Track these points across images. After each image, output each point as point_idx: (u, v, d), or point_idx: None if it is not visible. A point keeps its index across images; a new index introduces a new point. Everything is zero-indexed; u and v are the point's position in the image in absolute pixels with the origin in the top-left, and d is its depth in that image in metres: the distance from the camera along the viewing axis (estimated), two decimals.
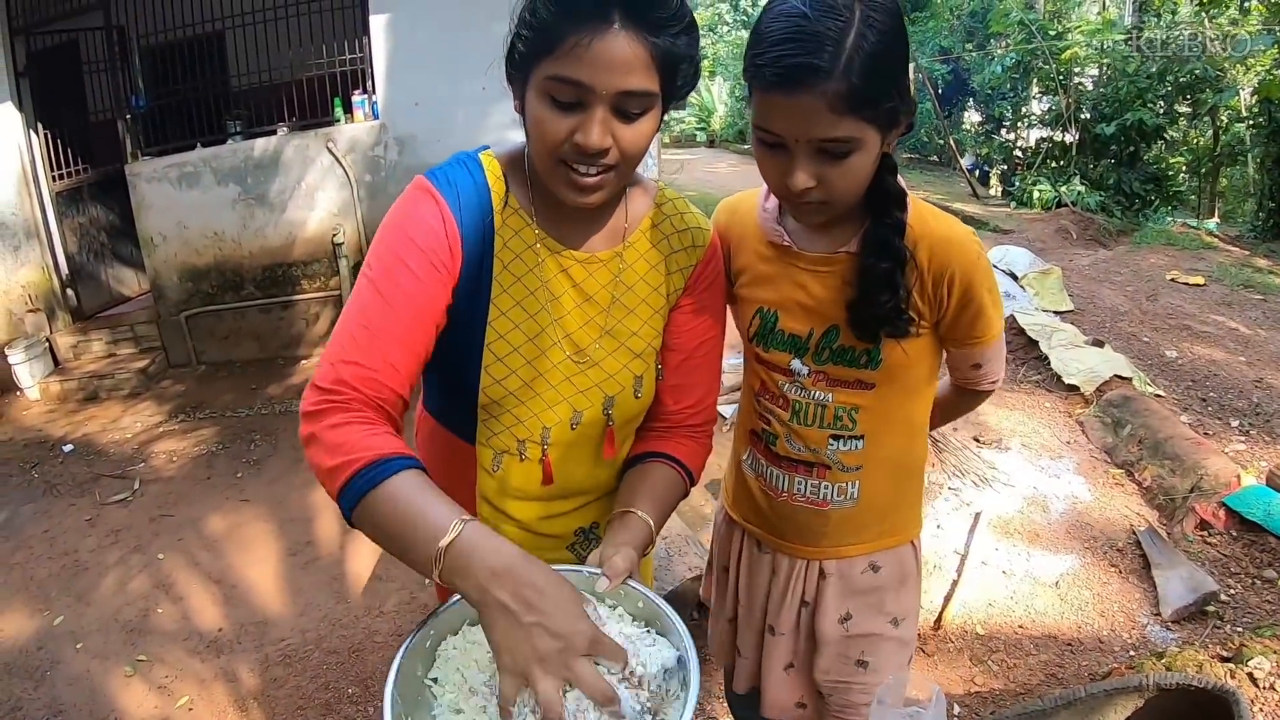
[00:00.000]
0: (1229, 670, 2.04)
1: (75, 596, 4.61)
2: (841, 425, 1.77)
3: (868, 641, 1.93)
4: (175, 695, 3.95)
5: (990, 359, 1.79)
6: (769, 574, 2.00)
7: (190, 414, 6.76)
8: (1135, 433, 4.96)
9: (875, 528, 1.89)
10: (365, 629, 4.32)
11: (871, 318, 1.63)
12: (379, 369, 1.38)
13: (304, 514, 5.26)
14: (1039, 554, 4.25)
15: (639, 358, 1.64)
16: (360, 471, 1.27)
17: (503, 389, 1.55)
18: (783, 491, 1.88)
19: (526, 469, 1.66)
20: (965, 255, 1.62)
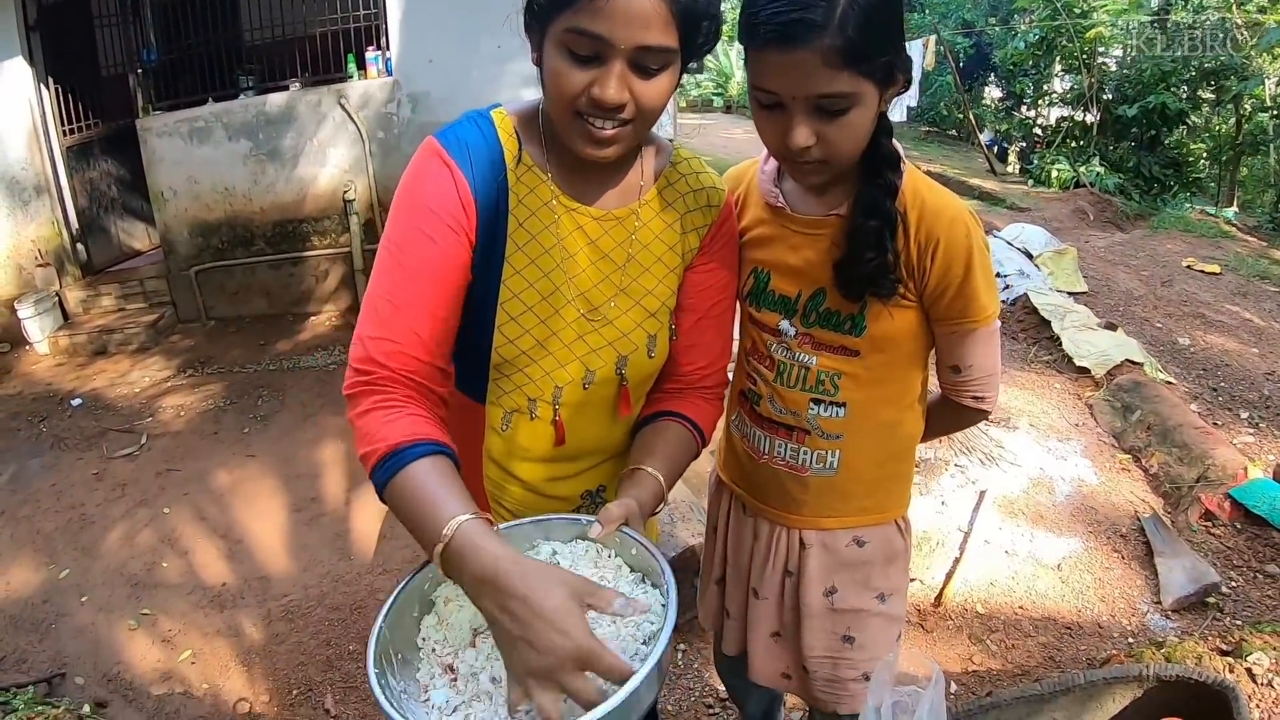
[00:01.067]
0: (1228, 664, 2.03)
1: (81, 550, 4.63)
2: (823, 390, 1.76)
3: (854, 617, 1.91)
4: (179, 649, 3.99)
5: (973, 362, 1.74)
6: (751, 537, 2.00)
7: (199, 369, 6.75)
8: (1144, 419, 4.93)
9: (856, 502, 1.87)
10: (368, 586, 4.34)
11: (857, 276, 1.61)
12: (405, 341, 1.39)
13: (310, 470, 5.27)
14: (1042, 535, 4.24)
15: (653, 317, 1.63)
16: (379, 463, 1.30)
17: (515, 348, 1.54)
18: (764, 453, 1.88)
19: (536, 429, 1.64)
20: (954, 228, 1.59)
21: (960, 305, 1.64)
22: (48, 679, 3.74)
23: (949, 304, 1.65)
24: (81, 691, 3.75)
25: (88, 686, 3.79)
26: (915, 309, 1.69)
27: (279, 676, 3.85)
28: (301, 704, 3.72)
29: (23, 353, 7.10)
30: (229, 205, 7.56)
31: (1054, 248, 7.76)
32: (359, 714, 3.66)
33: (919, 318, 1.70)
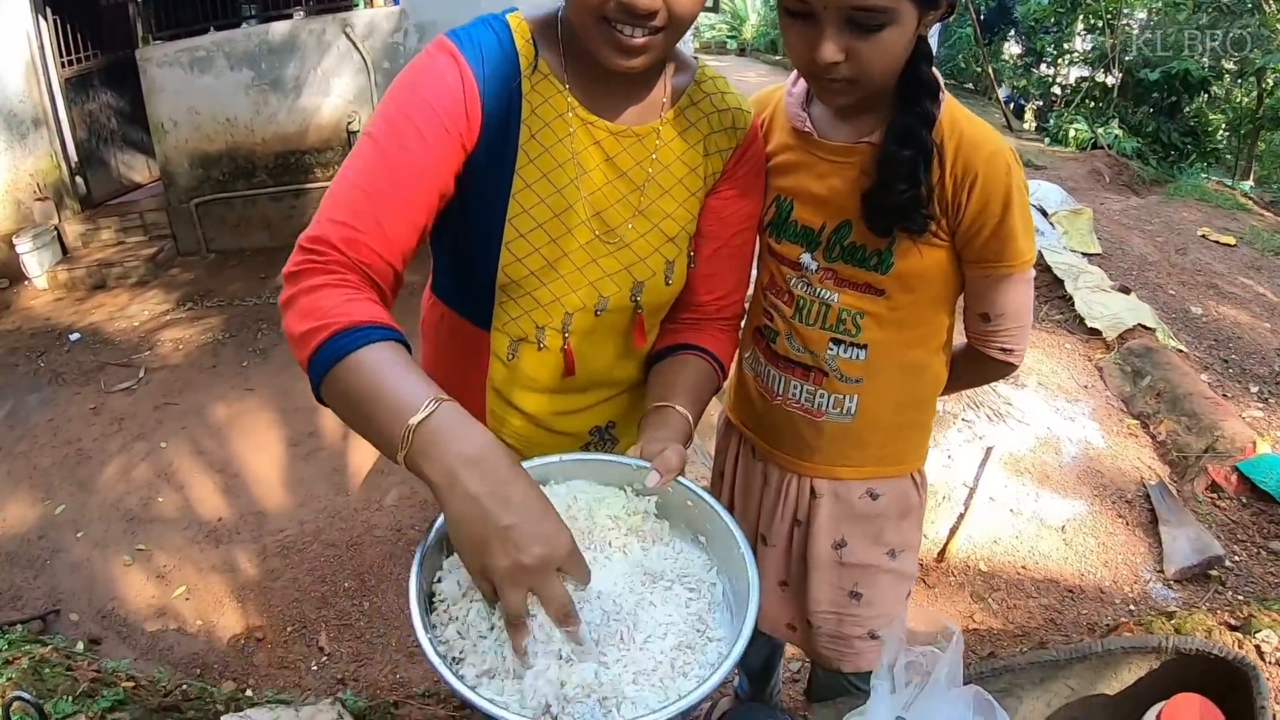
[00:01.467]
0: (1236, 639, 1.99)
1: (77, 485, 4.60)
2: (844, 329, 1.65)
3: (862, 572, 1.83)
4: (173, 584, 3.98)
5: (1005, 310, 1.63)
6: (761, 482, 1.91)
7: (198, 302, 6.69)
8: (1154, 385, 4.84)
9: (873, 451, 1.78)
10: (364, 523, 4.32)
11: (887, 208, 1.50)
12: (368, 232, 1.24)
13: (309, 404, 5.13)
14: (1048, 496, 4.19)
15: (671, 242, 1.52)
16: (331, 338, 1.13)
17: (523, 268, 1.43)
18: (778, 394, 1.77)
19: (544, 358, 1.54)
20: (993, 164, 1.48)
21: (995, 247, 1.53)
22: (42, 616, 3.73)
23: (983, 245, 1.53)
24: (75, 628, 3.74)
25: (82, 623, 3.78)
26: (946, 248, 1.57)
27: (273, 613, 3.84)
28: (295, 641, 3.71)
29: (21, 288, 7.03)
30: (230, 136, 7.45)
31: (1070, 207, 7.62)
32: (352, 652, 3.65)
33: (950, 258, 1.59)
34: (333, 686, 3.47)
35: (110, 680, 1.98)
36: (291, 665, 3.60)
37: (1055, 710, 1.59)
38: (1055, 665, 1.55)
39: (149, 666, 3.42)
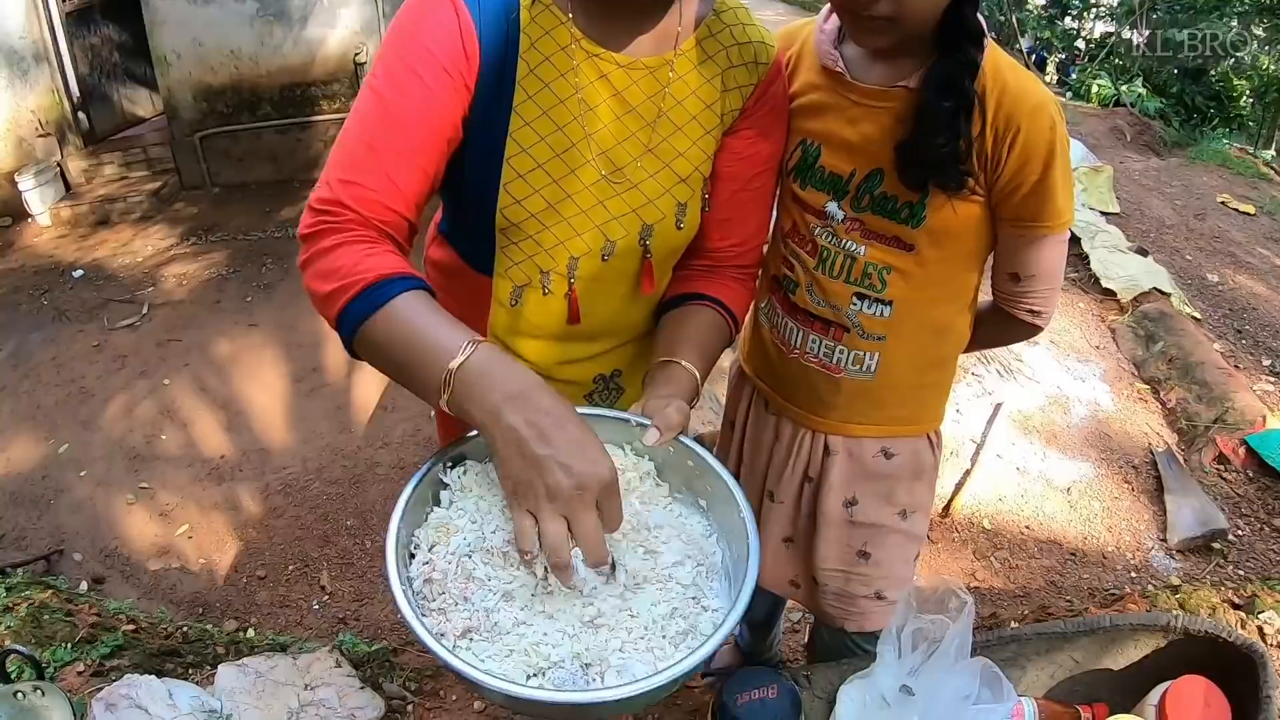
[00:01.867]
0: (1240, 619, 1.96)
1: (80, 424, 4.58)
2: (869, 284, 1.58)
3: (872, 532, 1.78)
4: (176, 523, 3.99)
5: (1036, 271, 1.56)
6: (773, 437, 1.85)
7: (202, 237, 6.62)
8: (1167, 351, 4.74)
9: (891, 411, 1.72)
10: (367, 460, 4.31)
11: (922, 161, 1.42)
12: (379, 188, 1.22)
13: (313, 340, 5.17)
14: (1055, 456, 4.14)
15: (684, 183, 1.43)
16: (360, 294, 1.14)
17: (523, 209, 1.36)
18: (795, 348, 1.71)
19: (549, 304, 1.47)
20: (1037, 117, 1.40)
21: (1033, 206, 1.45)
22: (45, 556, 3.73)
23: (1021, 203, 1.46)
24: (79, 568, 3.75)
25: (85, 562, 3.79)
26: (982, 204, 1.49)
27: (275, 551, 3.85)
28: (297, 580, 3.72)
29: (24, 225, 6.93)
30: (235, 69, 7.32)
31: (1090, 164, 7.42)
32: (354, 591, 3.66)
33: (984, 214, 1.51)
34: (334, 626, 3.48)
35: (110, 624, 1.97)
36: (293, 604, 3.61)
37: (1059, 681, 1.56)
38: (1062, 637, 1.52)
39: (152, 606, 3.45)
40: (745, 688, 1.24)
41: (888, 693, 1.34)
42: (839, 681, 1.53)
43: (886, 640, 1.34)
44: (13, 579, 2.07)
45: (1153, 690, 1.43)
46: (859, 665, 1.54)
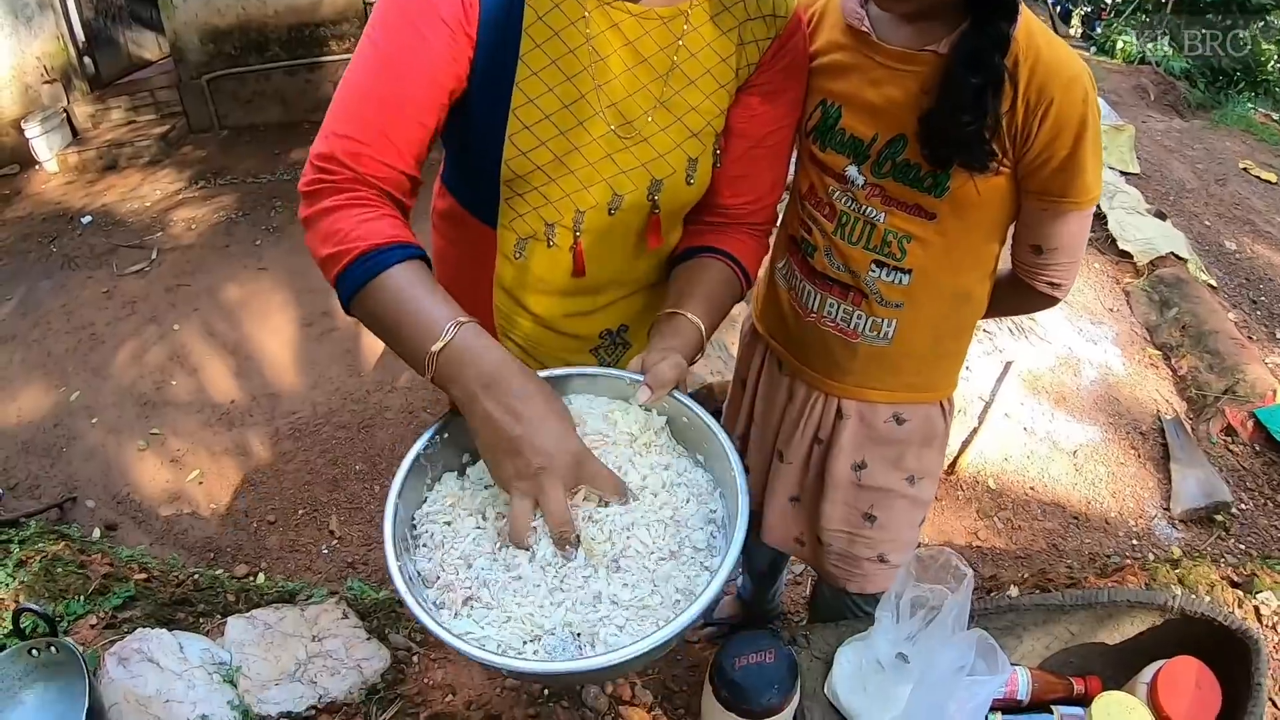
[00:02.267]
0: (1238, 598, 1.96)
1: (91, 371, 4.59)
2: (888, 252, 1.55)
3: (879, 495, 1.78)
4: (187, 469, 4.01)
5: (1059, 245, 1.52)
6: (785, 398, 1.84)
7: (211, 180, 6.58)
8: (1181, 317, 4.67)
9: (905, 377, 1.70)
10: (377, 404, 4.32)
11: (947, 139, 1.38)
12: (373, 144, 1.20)
13: (322, 284, 4.97)
14: (1062, 418, 4.12)
15: (695, 138, 1.40)
16: (354, 262, 1.15)
17: (529, 162, 1.33)
18: (812, 311, 1.69)
19: (554, 257, 1.45)
20: (1071, 90, 1.35)
21: (1061, 182, 1.41)
22: (59, 504, 3.75)
23: (1049, 178, 1.41)
24: (92, 515, 3.78)
25: (98, 510, 3.82)
26: (1008, 175, 1.45)
27: (285, 496, 3.88)
28: (306, 524, 3.75)
29: (31, 173, 6.90)
30: (242, 9, 7.24)
31: (1112, 122, 7.24)
32: (362, 536, 3.68)
33: (1010, 185, 1.47)
34: (342, 570, 3.51)
35: (123, 574, 1.99)
36: (303, 548, 3.64)
37: (1054, 652, 1.58)
38: (1060, 609, 1.54)
39: (164, 552, 3.50)
40: (743, 651, 1.25)
41: (884, 658, 1.36)
42: (836, 643, 1.55)
43: (885, 606, 1.35)
44: (26, 530, 2.10)
45: (1146, 668, 1.44)
46: (857, 627, 1.56)
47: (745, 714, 1.23)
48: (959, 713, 1.19)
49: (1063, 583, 2.25)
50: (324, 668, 1.60)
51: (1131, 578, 2.07)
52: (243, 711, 1.51)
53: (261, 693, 1.54)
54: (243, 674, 1.58)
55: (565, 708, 1.58)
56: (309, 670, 1.60)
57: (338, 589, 2.29)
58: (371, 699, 1.58)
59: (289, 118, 7.50)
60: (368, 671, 1.62)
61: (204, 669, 1.56)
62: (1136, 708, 1.31)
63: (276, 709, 1.52)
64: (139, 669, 1.52)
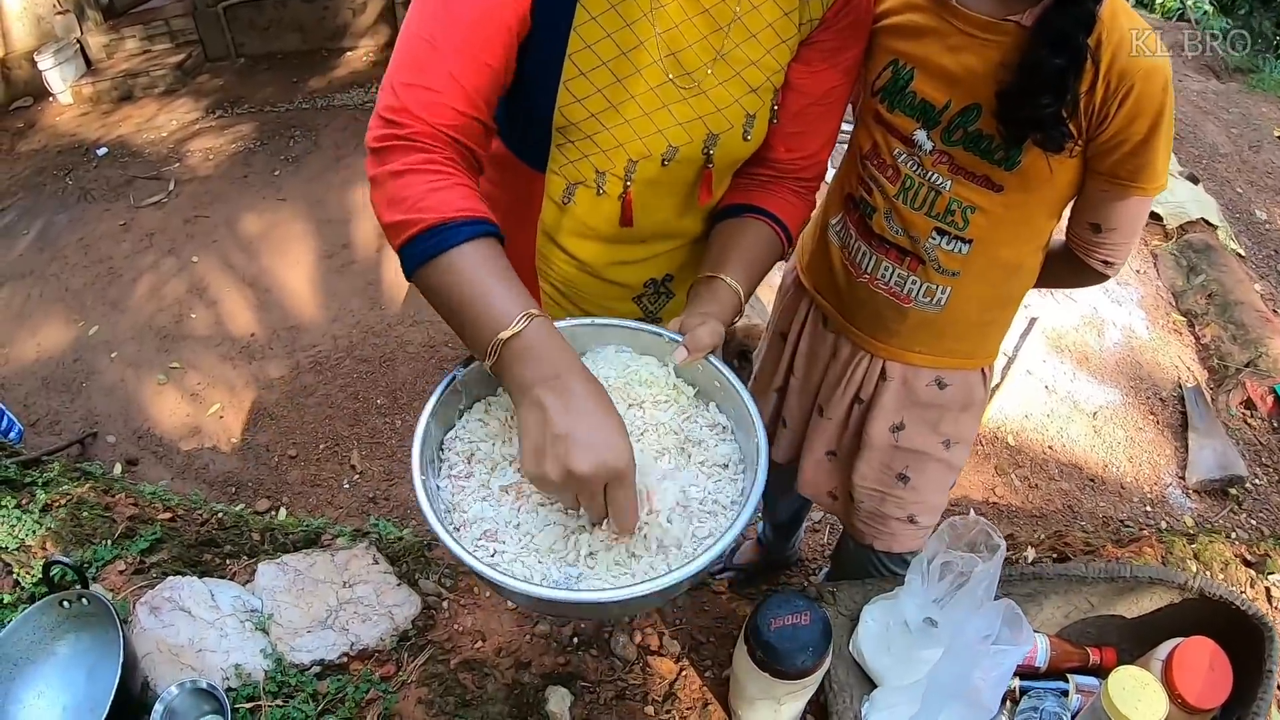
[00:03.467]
0: (1250, 577, 1.98)
1: (110, 305, 4.59)
2: (951, 221, 1.53)
3: (914, 457, 1.80)
4: (206, 403, 4.03)
5: (1119, 225, 1.50)
6: (829, 354, 1.85)
7: (228, 110, 6.51)
8: (1207, 285, 4.63)
9: (951, 343, 1.70)
10: (398, 338, 4.32)
11: (1024, 118, 1.36)
12: (445, 90, 1.16)
13: (342, 215, 5.13)
14: (1084, 378, 4.13)
15: (754, 93, 1.37)
16: (421, 234, 1.11)
17: (583, 109, 1.31)
18: (865, 272, 1.68)
19: (602, 205, 1.44)
20: (1152, 79, 1.32)
21: (1131, 167, 1.39)
22: (80, 440, 3.78)
23: (1119, 161, 1.39)
24: (113, 450, 3.80)
25: (119, 445, 3.84)
26: (1080, 154, 1.43)
27: (306, 430, 3.90)
28: (328, 459, 3.77)
29: (45, 105, 6.82)
30: None
31: None
32: (383, 470, 3.71)
33: (1080, 164, 1.45)
34: (364, 505, 3.55)
35: (148, 516, 2.01)
36: (324, 483, 3.67)
37: (1072, 621, 1.61)
38: (1082, 580, 1.56)
39: (185, 487, 3.54)
40: (778, 613, 1.25)
41: (911, 620, 1.37)
42: (863, 601, 1.57)
43: (915, 569, 1.37)
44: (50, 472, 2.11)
45: (1161, 645, 1.46)
46: (884, 586, 1.59)
47: (779, 675, 1.24)
48: (984, 680, 1.21)
49: (1079, 548, 2.26)
50: (355, 614, 1.62)
51: (1149, 549, 2.08)
52: (276, 660, 1.53)
53: (294, 640, 1.56)
54: (274, 621, 1.60)
55: (594, 656, 1.60)
56: (340, 617, 1.62)
57: (361, 525, 2.31)
58: (403, 645, 1.60)
59: (307, 45, 7.40)
60: (399, 618, 1.63)
61: (236, 617, 1.58)
62: (1151, 684, 1.32)
63: (309, 657, 1.54)
64: (171, 618, 1.54)
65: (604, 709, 1.53)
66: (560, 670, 1.58)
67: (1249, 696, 1.38)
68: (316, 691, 1.50)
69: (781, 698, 1.30)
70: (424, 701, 1.50)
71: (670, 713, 1.53)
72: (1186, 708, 1.36)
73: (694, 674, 1.58)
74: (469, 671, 1.56)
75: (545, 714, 1.49)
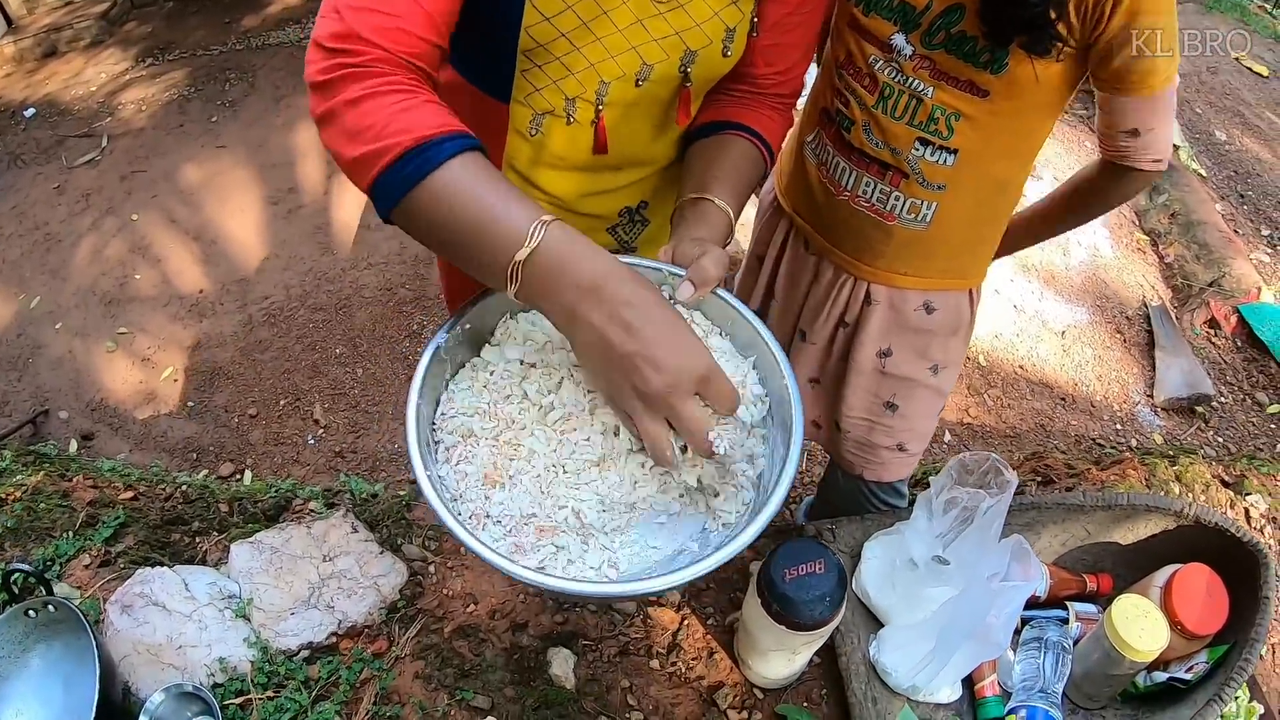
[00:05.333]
0: (1229, 498, 2.02)
1: (50, 273, 4.42)
2: (935, 130, 1.46)
3: (902, 385, 1.76)
4: (159, 368, 3.93)
5: (1152, 122, 1.43)
6: (810, 277, 1.79)
7: (158, 57, 6.25)
8: (1170, 204, 4.65)
9: (939, 263, 1.65)
10: (353, 283, 4.23)
11: (1010, 18, 1.28)
12: (404, 14, 1.02)
13: (285, 158, 4.96)
14: (1051, 297, 4.15)
15: (734, 5, 1.28)
16: (398, 161, 0.96)
17: (552, 28, 1.20)
18: (846, 189, 1.61)
19: (573, 133, 1.35)
20: None
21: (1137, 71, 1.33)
22: (32, 419, 3.66)
23: (1120, 67, 1.33)
24: (66, 426, 3.70)
25: (72, 420, 3.74)
26: (1071, 58, 1.35)
27: (265, 387, 3.82)
28: (290, 415, 3.71)
29: None
30: None
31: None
32: (348, 422, 3.65)
33: (1074, 68, 1.38)
34: (331, 460, 3.49)
35: (109, 499, 1.93)
36: (288, 440, 3.61)
37: (1069, 549, 1.60)
38: (1079, 509, 1.55)
39: (145, 458, 3.47)
40: (792, 562, 1.21)
41: (919, 557, 1.35)
42: (863, 537, 1.54)
43: (921, 505, 1.34)
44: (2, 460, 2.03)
45: (1158, 571, 1.46)
46: (884, 522, 1.57)
47: (795, 627, 1.21)
48: (996, 619, 1.19)
49: (1062, 470, 2.26)
50: (339, 589, 1.56)
51: (1131, 471, 2.09)
52: (261, 648, 1.47)
53: (278, 625, 1.50)
54: (255, 606, 1.53)
55: (592, 612, 1.57)
56: (324, 594, 1.56)
57: (330, 483, 2.25)
58: (392, 618, 1.55)
59: None
60: (385, 589, 1.58)
61: (214, 605, 1.51)
62: (1151, 611, 1.32)
63: (296, 641, 1.49)
64: (145, 615, 1.47)
65: (608, 666, 1.50)
66: (559, 630, 1.54)
67: (1245, 623, 1.38)
68: (308, 678, 1.45)
69: (797, 648, 1.28)
70: (421, 676, 1.47)
71: (676, 664, 1.51)
72: (1185, 634, 1.37)
73: (696, 623, 1.56)
74: (464, 639, 1.53)
75: (549, 677, 1.46)
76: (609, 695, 1.47)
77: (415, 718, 1.42)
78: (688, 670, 1.50)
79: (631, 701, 1.47)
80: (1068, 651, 1.43)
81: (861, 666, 1.43)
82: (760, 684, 1.47)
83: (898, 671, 1.39)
